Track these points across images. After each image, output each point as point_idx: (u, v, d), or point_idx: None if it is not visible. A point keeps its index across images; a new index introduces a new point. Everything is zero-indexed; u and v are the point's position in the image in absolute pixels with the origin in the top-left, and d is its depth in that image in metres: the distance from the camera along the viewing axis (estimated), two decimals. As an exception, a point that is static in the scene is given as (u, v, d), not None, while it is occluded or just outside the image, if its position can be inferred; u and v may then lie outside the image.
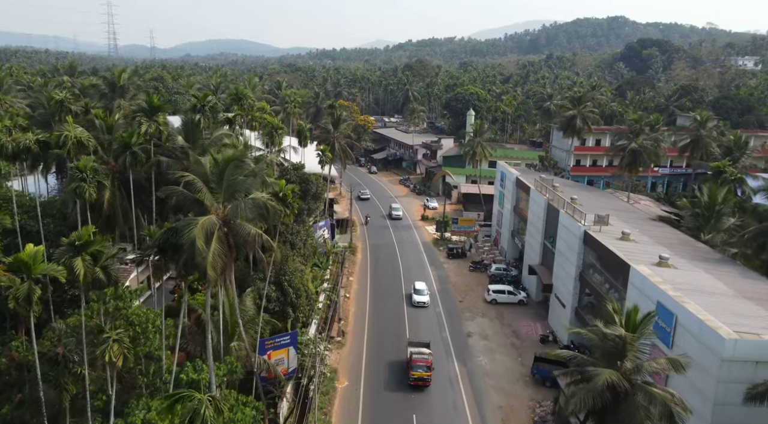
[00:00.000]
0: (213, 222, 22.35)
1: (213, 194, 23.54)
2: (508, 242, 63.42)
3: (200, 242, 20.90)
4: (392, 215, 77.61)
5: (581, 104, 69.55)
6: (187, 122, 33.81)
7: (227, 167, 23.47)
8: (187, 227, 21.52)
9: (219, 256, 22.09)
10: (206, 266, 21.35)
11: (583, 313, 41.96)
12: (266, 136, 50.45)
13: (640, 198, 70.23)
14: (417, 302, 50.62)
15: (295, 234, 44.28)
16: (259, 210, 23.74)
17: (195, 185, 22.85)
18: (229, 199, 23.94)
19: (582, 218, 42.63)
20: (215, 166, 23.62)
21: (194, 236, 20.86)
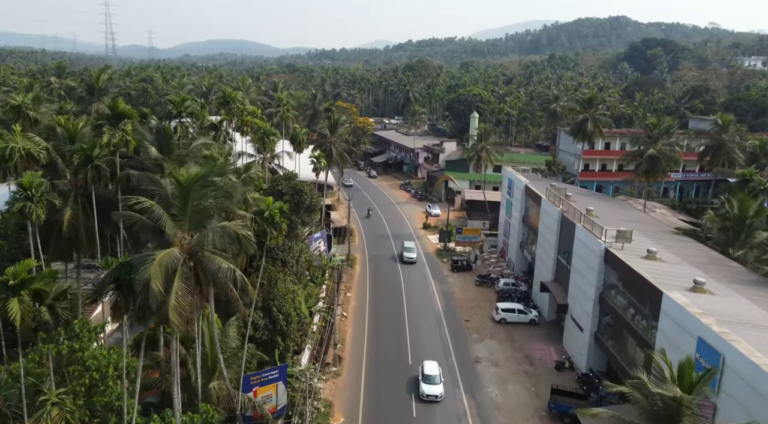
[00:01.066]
0: (175, 256, 18.52)
1: (177, 222, 19.65)
2: (517, 254, 59.51)
3: (156, 284, 17.08)
4: (404, 258, 60.95)
5: (592, 107, 65.67)
6: (161, 131, 30.04)
7: (192, 189, 19.55)
8: (142, 263, 17.68)
9: (184, 297, 18.23)
10: (168, 310, 17.48)
11: (603, 338, 38.09)
12: (257, 142, 46.64)
13: (655, 205, 66.44)
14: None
15: (287, 250, 40.39)
16: (231, 241, 19.83)
17: (153, 213, 18.97)
18: (196, 226, 20.06)
19: (602, 233, 38.71)
20: (178, 187, 19.72)
21: (149, 276, 17.02)
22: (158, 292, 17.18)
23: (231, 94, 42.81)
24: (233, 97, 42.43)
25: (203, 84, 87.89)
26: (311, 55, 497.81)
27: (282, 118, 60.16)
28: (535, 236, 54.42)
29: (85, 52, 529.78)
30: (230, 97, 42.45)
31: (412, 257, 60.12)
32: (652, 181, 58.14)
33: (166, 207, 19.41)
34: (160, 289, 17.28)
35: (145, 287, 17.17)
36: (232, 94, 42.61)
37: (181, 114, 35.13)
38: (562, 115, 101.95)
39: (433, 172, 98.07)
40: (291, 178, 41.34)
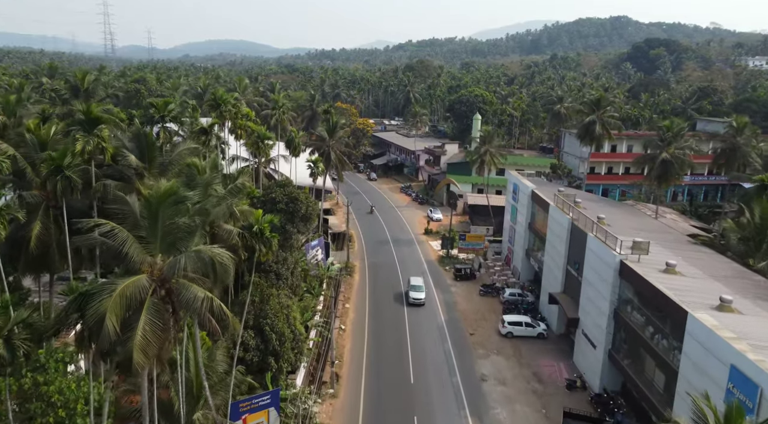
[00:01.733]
0: (142, 285, 16.13)
1: (146, 245, 17.25)
2: (522, 262, 57.11)
3: (111, 321, 14.65)
4: (411, 299, 50.66)
5: (600, 109, 63.19)
6: (141, 137, 27.66)
7: (162, 207, 17.14)
8: (100, 293, 15.28)
9: (153, 332, 15.83)
10: (132, 348, 15.06)
11: (618, 357, 35.69)
12: (251, 146, 44.28)
13: (665, 211, 63.95)
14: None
15: (281, 262, 37.98)
16: (206, 267, 17.42)
17: (117, 236, 16.55)
18: (168, 249, 17.66)
19: (616, 244, 36.29)
20: (146, 206, 17.32)
21: (104, 310, 14.62)
22: (113, 331, 14.73)
23: (222, 96, 40.43)
24: (224, 99, 40.06)
25: (198, 85, 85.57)
26: (311, 55, 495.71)
27: (278, 121, 57.73)
28: (542, 244, 52.04)
29: (84, 53, 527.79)
30: (221, 99, 40.07)
31: (419, 298, 50.49)
32: (665, 186, 55.73)
33: (132, 228, 17.03)
34: (116, 327, 14.82)
35: (99, 323, 14.78)
36: (223, 97, 40.23)
37: (164, 118, 32.72)
38: (567, 117, 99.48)
39: (435, 174, 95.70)
40: (286, 185, 38.95)
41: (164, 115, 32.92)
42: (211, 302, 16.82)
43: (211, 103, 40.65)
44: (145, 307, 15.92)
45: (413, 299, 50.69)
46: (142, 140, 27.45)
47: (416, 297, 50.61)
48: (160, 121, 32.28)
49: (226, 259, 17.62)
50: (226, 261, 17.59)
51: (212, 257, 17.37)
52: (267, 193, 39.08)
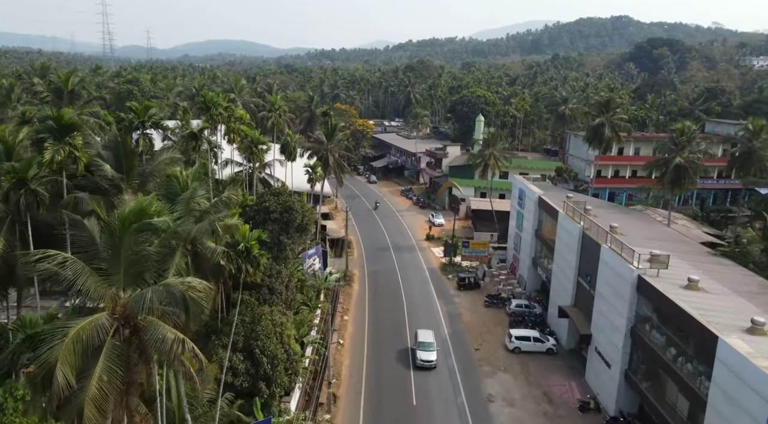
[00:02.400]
0: (102, 325, 13.76)
1: (107, 277, 14.87)
2: (529, 271, 54.70)
3: (63, 373, 12.28)
4: (419, 361, 39.86)
5: (609, 111, 60.75)
6: (118, 145, 25.24)
7: (126, 235, 14.75)
8: (50, 338, 12.91)
9: (112, 382, 13.45)
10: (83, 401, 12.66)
11: (636, 379, 33.29)
12: (244, 151, 41.93)
13: (676, 217, 61.52)
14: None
15: (275, 276, 35.57)
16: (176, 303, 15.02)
17: (72, 267, 14.17)
18: (134, 282, 15.29)
19: (633, 257, 33.88)
20: (107, 233, 14.94)
21: (53, 360, 12.27)
22: (64, 384, 12.36)
23: (212, 98, 38.07)
24: (215, 101, 37.74)
25: (193, 86, 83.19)
26: (311, 55, 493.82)
27: (274, 124, 55.32)
28: (549, 252, 49.65)
29: (83, 53, 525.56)
30: (211, 101, 37.73)
31: (430, 360, 39.63)
32: (678, 192, 53.35)
33: (93, 257, 14.67)
34: (69, 380, 12.48)
35: (48, 374, 12.43)
36: (213, 99, 37.91)
37: (144, 124, 30.26)
38: (572, 118, 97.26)
39: (436, 177, 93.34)
40: (280, 193, 36.57)
41: (144, 121, 30.43)
42: (183, 344, 14.43)
43: (201, 106, 38.34)
44: (103, 351, 13.57)
45: (422, 361, 39.45)
46: (119, 148, 25.09)
47: (426, 359, 39.47)
48: (139, 127, 29.80)
49: (200, 292, 15.23)
50: (201, 296, 15.21)
51: (184, 293, 14.98)
52: (260, 201, 36.71)
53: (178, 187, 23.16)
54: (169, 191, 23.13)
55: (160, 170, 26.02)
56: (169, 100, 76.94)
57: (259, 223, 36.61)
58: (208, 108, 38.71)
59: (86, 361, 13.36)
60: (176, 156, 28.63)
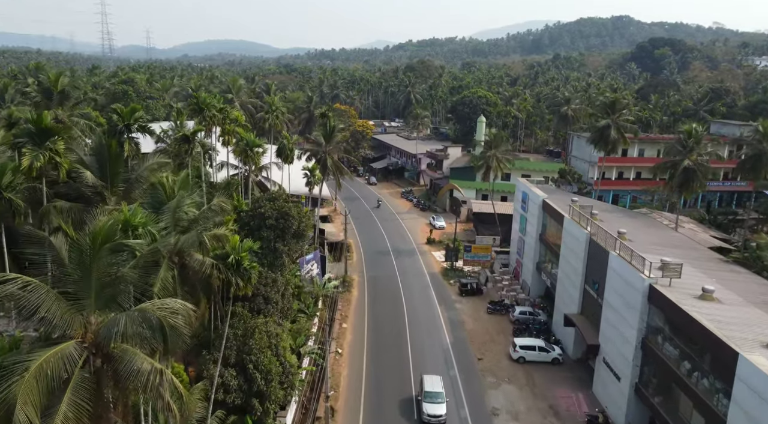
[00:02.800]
0: (69, 356, 12.36)
1: (76, 302, 13.46)
2: (533, 276, 53.30)
3: (24, 415, 10.85)
4: (425, 415, 33.66)
5: (615, 112, 59.26)
6: (101, 150, 23.75)
7: (97, 256, 13.33)
8: (9, 374, 11.50)
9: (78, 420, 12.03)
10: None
11: (647, 392, 31.88)
12: (239, 155, 40.53)
13: (682, 220, 60.13)
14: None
15: (270, 284, 34.15)
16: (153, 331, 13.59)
17: (33, 293, 12.74)
18: (106, 306, 13.88)
19: (644, 265, 32.46)
20: (76, 254, 13.51)
21: (12, 398, 10.86)
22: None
23: (206, 99, 36.63)
24: (208, 103, 36.29)
25: (189, 86, 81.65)
26: (310, 55, 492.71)
27: (270, 126, 53.86)
28: (554, 258, 48.28)
29: (83, 53, 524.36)
30: (205, 103, 36.27)
31: (439, 415, 33.26)
32: (686, 195, 51.94)
33: (58, 280, 13.25)
34: (32, 420, 11.07)
35: (8, 415, 11.00)
36: (207, 100, 36.45)
37: (129, 128, 28.76)
38: (574, 119, 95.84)
39: (437, 179, 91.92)
40: (276, 198, 35.14)
41: (129, 124, 28.91)
42: (162, 376, 13.02)
43: (194, 108, 36.86)
44: (70, 385, 12.17)
45: (428, 416, 33.21)
46: (103, 153, 23.64)
47: (434, 414, 33.18)
48: (125, 131, 28.28)
49: (182, 315, 13.80)
50: (181, 321, 13.78)
51: (162, 319, 13.56)
52: (255, 207, 35.31)
53: (164, 196, 21.78)
54: (154, 200, 21.74)
55: (147, 176, 24.65)
56: (165, 100, 75.47)
57: (254, 229, 35.22)
58: (201, 109, 37.27)
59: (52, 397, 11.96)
60: (164, 161, 27.16)
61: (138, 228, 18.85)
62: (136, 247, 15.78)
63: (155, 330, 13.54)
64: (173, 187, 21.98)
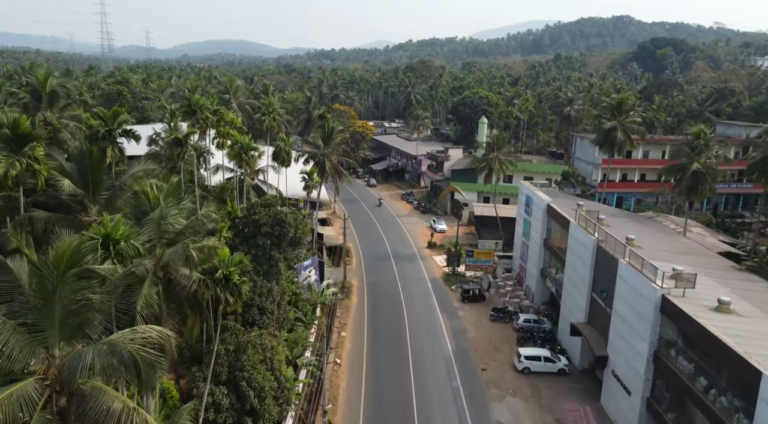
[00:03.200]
0: (26, 396, 10.94)
1: (38, 333, 12.04)
2: (537, 282, 51.87)
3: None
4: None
5: (622, 114, 57.79)
6: (83, 156, 22.25)
7: (62, 282, 11.89)
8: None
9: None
10: None
11: (660, 408, 30.43)
12: (233, 158, 39.13)
13: (689, 224, 58.78)
14: None
15: (265, 294, 32.73)
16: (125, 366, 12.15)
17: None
18: (70, 337, 12.45)
19: (656, 275, 31.03)
20: (37, 281, 12.08)
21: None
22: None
23: (197, 101, 35.16)
24: (201, 105, 34.83)
25: (186, 87, 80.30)
26: (310, 55, 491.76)
27: (267, 129, 52.41)
28: (560, 264, 46.85)
29: (82, 53, 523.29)
30: (197, 105, 34.79)
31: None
32: (695, 199, 50.51)
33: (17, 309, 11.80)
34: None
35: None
36: (199, 102, 34.99)
37: (111, 133, 27.14)
38: (577, 120, 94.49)
39: (438, 181, 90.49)
40: (271, 204, 33.72)
41: (112, 129, 27.30)
42: (135, 415, 11.59)
43: (186, 110, 35.38)
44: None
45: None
46: (84, 160, 22.14)
47: None
48: (107, 137, 26.71)
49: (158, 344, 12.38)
50: (155, 356, 12.34)
51: (134, 353, 12.13)
52: (249, 213, 33.90)
53: (148, 206, 20.35)
54: (138, 210, 20.32)
55: (131, 185, 23.19)
56: (160, 101, 74.04)
57: (249, 236, 33.80)
58: (194, 111, 35.83)
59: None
60: (151, 167, 25.62)
61: (120, 242, 17.47)
62: (105, 272, 14.34)
63: (127, 365, 12.09)
64: (158, 197, 20.51)
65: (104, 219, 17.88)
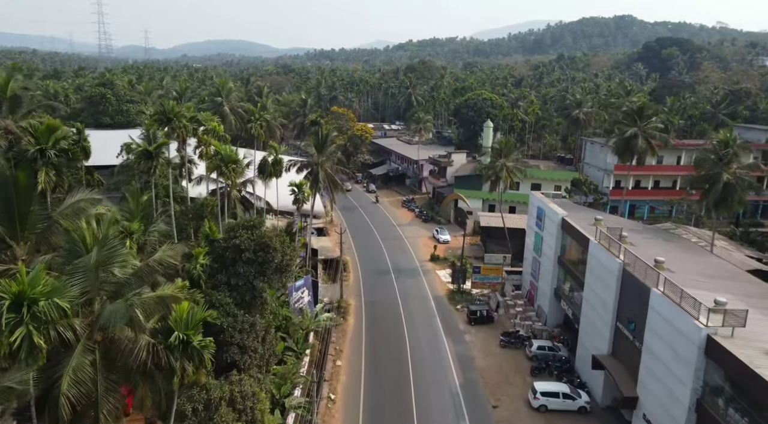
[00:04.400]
0: None
1: None
2: (550, 302, 47.63)
3: None
4: None
5: (643, 119, 53.42)
6: (6, 183, 17.84)
7: None
8: None
9: None
10: None
11: (704, 466, 26.17)
12: (212, 170, 34.94)
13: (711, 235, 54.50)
14: None
15: (247, 331, 28.48)
16: None
17: None
18: None
19: (698, 310, 26.78)
20: None
21: None
22: None
23: (172, 108, 31.01)
24: (176, 112, 30.66)
25: (174, 89, 76.00)
26: (310, 55, 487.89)
27: (254, 136, 48.13)
28: (576, 284, 42.66)
29: (81, 53, 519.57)
30: (171, 112, 30.63)
31: None
32: (723, 213, 46.31)
33: None
34: None
35: None
36: (174, 109, 30.82)
37: (44, 153, 22.57)
38: (586, 123, 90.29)
39: (440, 187, 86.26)
40: (254, 226, 29.48)
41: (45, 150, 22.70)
42: None
43: (159, 118, 31.18)
44: None
45: None
46: (8, 189, 17.80)
47: None
48: (38, 158, 22.26)
49: None
50: None
51: None
52: (230, 237, 29.69)
53: (82, 249, 16.03)
54: (72, 254, 16.03)
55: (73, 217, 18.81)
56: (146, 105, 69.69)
57: (229, 264, 29.54)
58: (169, 120, 31.63)
59: None
60: (95, 197, 21.11)
61: (39, 301, 13.31)
62: None
63: None
64: (97, 236, 16.13)
65: (20, 268, 13.71)
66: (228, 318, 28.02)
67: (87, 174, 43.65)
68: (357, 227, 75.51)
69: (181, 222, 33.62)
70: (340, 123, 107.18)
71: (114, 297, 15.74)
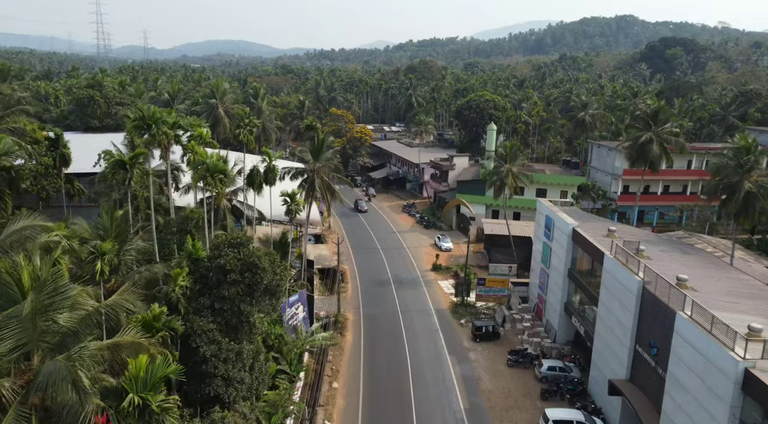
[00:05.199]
0: None
1: None
2: (560, 318, 44.90)
3: None
4: None
5: (658, 124, 50.69)
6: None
7: None
8: None
9: None
10: None
11: None
12: (198, 180, 32.29)
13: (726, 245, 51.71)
14: None
15: (232, 360, 25.77)
16: None
17: None
18: None
19: (734, 340, 24.05)
20: None
21: None
22: None
23: (154, 113, 28.41)
24: (157, 118, 28.04)
25: (166, 91, 73.30)
26: (309, 55, 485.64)
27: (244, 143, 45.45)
28: (589, 300, 40.03)
29: (80, 53, 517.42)
30: (152, 118, 27.97)
31: None
32: (745, 224, 43.61)
33: None
34: None
35: None
36: (155, 115, 28.21)
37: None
38: (592, 126, 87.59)
39: (442, 192, 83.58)
40: (241, 244, 26.78)
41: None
42: None
43: (137, 124, 28.55)
44: None
45: None
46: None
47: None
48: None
49: None
50: None
51: None
52: (214, 256, 27.02)
53: (17, 292, 13.39)
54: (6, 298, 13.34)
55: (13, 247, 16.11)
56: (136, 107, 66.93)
57: (213, 286, 26.84)
58: (148, 126, 29.00)
59: None
60: (38, 224, 18.36)
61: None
62: None
63: None
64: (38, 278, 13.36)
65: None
66: (211, 346, 25.35)
67: (67, 183, 41.24)
68: (355, 234, 72.91)
69: (164, 237, 30.96)
70: (338, 125, 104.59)
71: (59, 349, 13.09)
